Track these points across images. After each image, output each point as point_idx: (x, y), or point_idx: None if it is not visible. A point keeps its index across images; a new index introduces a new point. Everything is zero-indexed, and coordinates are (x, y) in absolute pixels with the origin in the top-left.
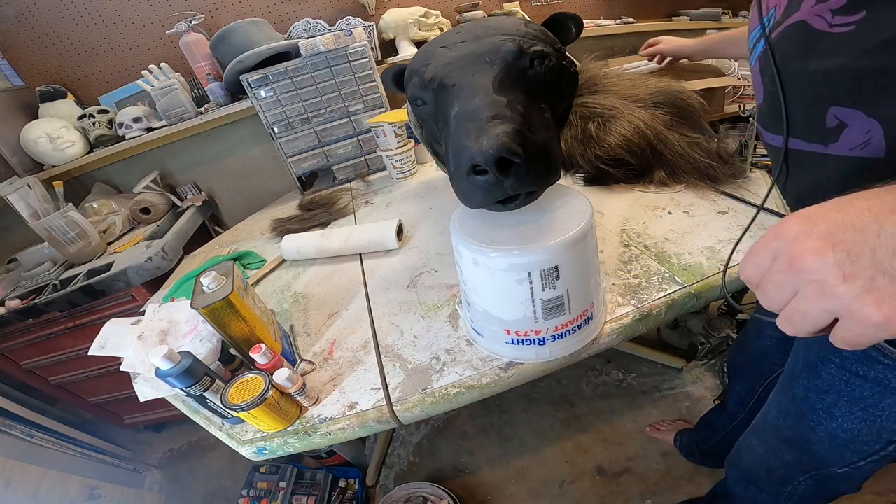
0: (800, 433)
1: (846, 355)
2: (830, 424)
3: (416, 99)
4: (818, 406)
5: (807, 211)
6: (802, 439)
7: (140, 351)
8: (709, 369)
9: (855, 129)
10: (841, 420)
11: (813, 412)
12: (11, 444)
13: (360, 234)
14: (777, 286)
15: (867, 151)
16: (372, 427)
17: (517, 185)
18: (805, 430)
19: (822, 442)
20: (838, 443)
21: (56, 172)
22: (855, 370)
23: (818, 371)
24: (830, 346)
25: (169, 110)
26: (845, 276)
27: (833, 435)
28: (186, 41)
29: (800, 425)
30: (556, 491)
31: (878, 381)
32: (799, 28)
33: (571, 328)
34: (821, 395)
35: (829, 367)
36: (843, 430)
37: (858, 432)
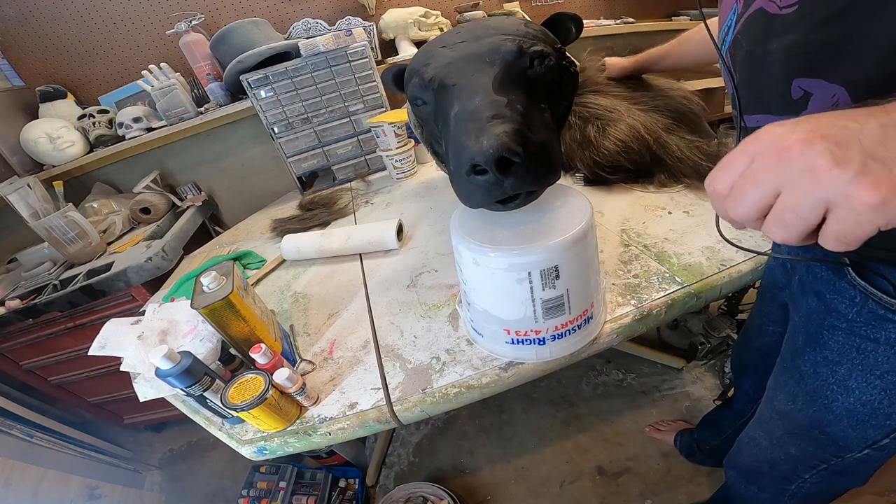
0: (813, 415)
1: (852, 318)
2: (848, 399)
3: (416, 99)
4: (830, 380)
5: (783, 121)
6: (817, 421)
7: (140, 351)
8: (709, 369)
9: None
10: (858, 392)
11: (825, 388)
12: (11, 444)
13: (360, 234)
14: (756, 184)
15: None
16: (372, 427)
17: (517, 184)
18: (819, 411)
19: (839, 421)
20: (858, 419)
21: (56, 172)
22: (865, 333)
23: (824, 341)
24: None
25: (169, 110)
26: (837, 161)
27: (852, 411)
28: (186, 41)
29: (812, 405)
30: (556, 491)
31: (892, 343)
32: (758, 15)
33: (571, 328)
34: (832, 367)
35: (837, 334)
36: (861, 403)
37: (879, 403)
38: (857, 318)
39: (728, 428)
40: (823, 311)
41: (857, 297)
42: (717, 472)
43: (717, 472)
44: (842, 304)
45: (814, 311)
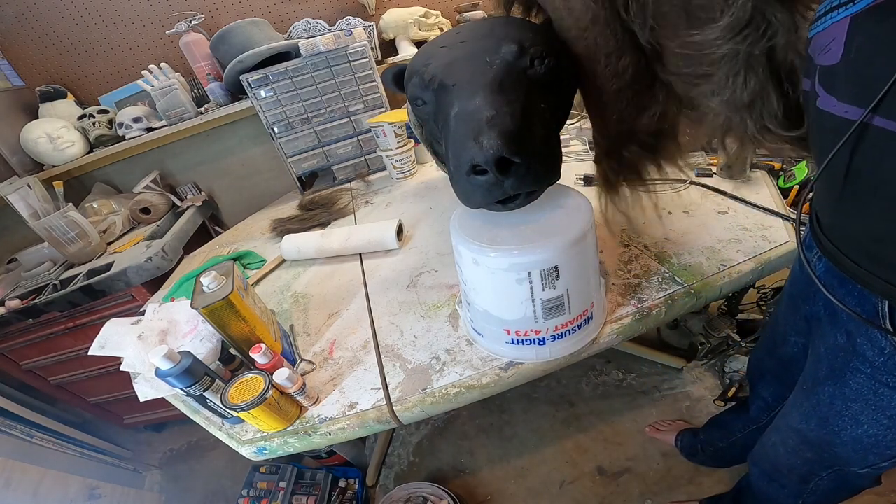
0: (822, 436)
1: (877, 367)
2: (856, 430)
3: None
4: (844, 413)
5: None
6: (825, 442)
7: (140, 351)
8: (709, 369)
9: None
10: (867, 427)
11: (838, 418)
12: (11, 444)
13: (360, 234)
14: None
15: None
16: (372, 427)
17: (517, 184)
18: (828, 434)
19: (844, 445)
20: (861, 447)
21: (56, 172)
22: (885, 381)
23: (846, 380)
24: (859, 358)
25: (169, 110)
26: None
27: (857, 440)
28: (186, 41)
29: (823, 429)
30: (556, 491)
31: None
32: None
33: (571, 328)
34: (847, 402)
35: (859, 376)
36: (867, 435)
37: (883, 438)
38: (882, 367)
39: (738, 432)
40: (851, 352)
41: (888, 349)
42: (718, 473)
43: (718, 473)
44: (870, 351)
45: (841, 349)
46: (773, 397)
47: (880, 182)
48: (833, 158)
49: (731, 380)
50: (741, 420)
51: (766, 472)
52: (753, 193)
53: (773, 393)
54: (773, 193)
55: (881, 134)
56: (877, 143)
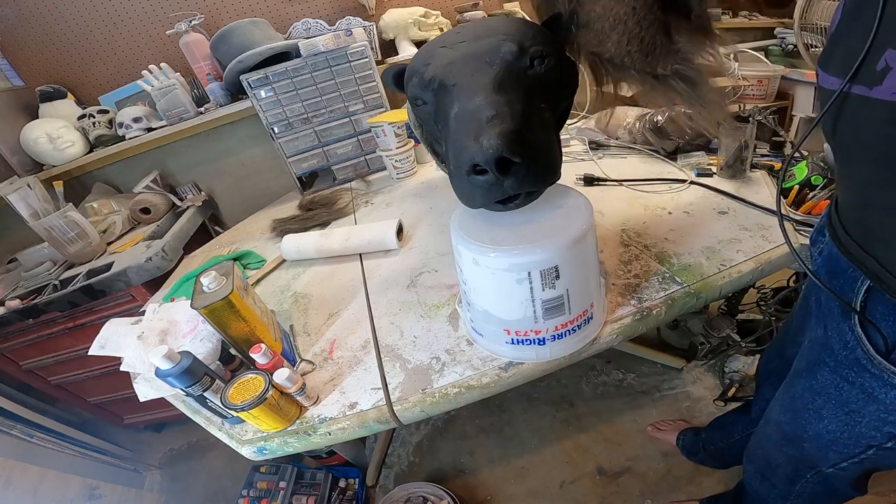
0: (794, 430)
1: (840, 360)
2: (818, 425)
3: (416, 99)
4: (810, 406)
5: None
6: (796, 436)
7: (140, 351)
8: (709, 369)
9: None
10: (827, 422)
11: (805, 411)
12: (11, 444)
13: (360, 234)
14: None
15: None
16: (372, 427)
17: (517, 184)
18: (798, 428)
19: (811, 440)
20: (823, 443)
21: (56, 172)
22: (845, 375)
23: (814, 373)
24: (827, 350)
25: (169, 110)
26: None
27: (819, 435)
28: (186, 41)
29: (794, 422)
30: (556, 491)
31: (864, 389)
32: None
33: (571, 328)
34: (813, 396)
35: (824, 370)
36: (827, 430)
37: (841, 434)
38: (844, 361)
39: (738, 433)
40: (822, 345)
41: (851, 342)
42: (718, 473)
43: (718, 473)
44: (837, 344)
45: (817, 342)
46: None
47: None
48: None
49: (731, 380)
50: (742, 421)
51: (758, 469)
52: (753, 193)
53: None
54: (774, 193)
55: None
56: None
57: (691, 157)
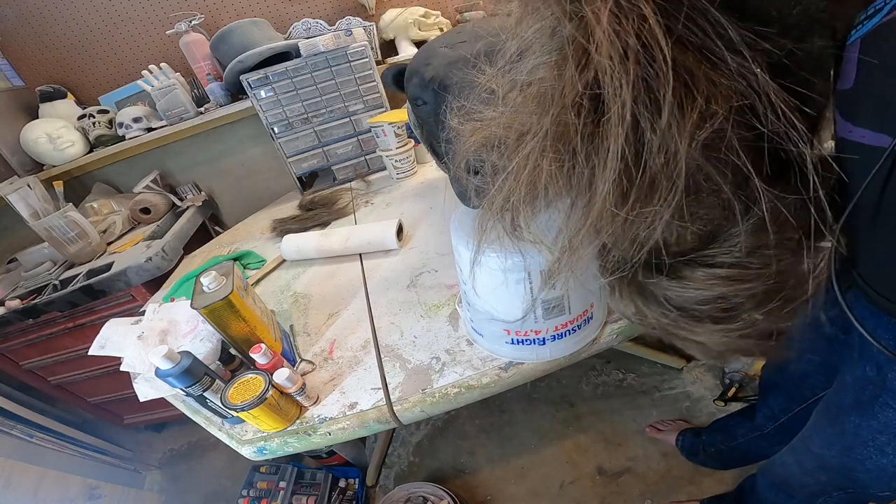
0: (845, 463)
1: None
2: (881, 460)
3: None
4: (870, 444)
5: None
6: (846, 468)
7: (140, 351)
8: (709, 369)
9: None
10: (892, 457)
11: (863, 447)
12: (11, 444)
13: (360, 234)
14: None
15: None
16: (372, 427)
17: None
18: (851, 462)
19: (868, 472)
20: (886, 475)
21: (56, 172)
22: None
23: (874, 413)
24: (891, 392)
25: (169, 110)
26: None
27: (882, 468)
28: (186, 41)
29: (846, 457)
30: (556, 491)
31: None
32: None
33: (571, 328)
34: (874, 434)
35: (888, 411)
36: (892, 465)
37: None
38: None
39: (741, 437)
40: (881, 387)
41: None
42: (718, 473)
43: (718, 473)
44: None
45: (870, 382)
46: (779, 408)
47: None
48: (878, 192)
49: (731, 380)
50: (745, 426)
51: (774, 483)
52: None
53: (781, 404)
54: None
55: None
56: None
57: None
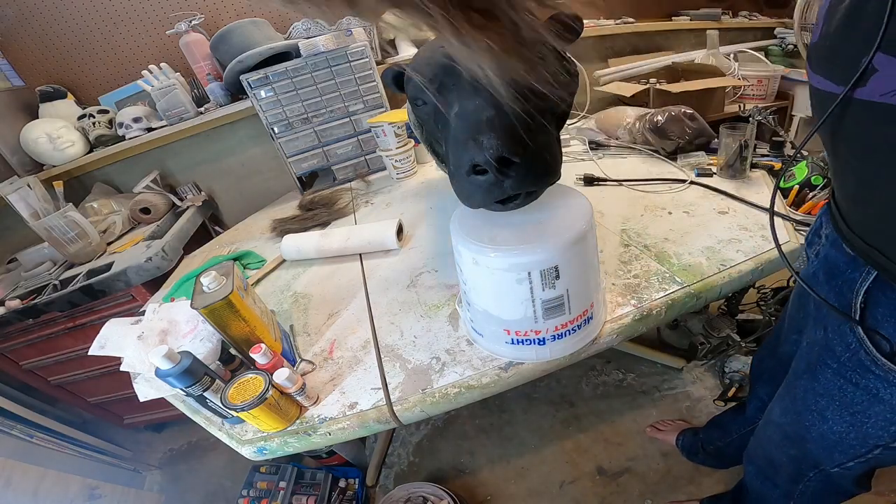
0: (797, 431)
1: (843, 362)
2: (822, 426)
3: (416, 99)
4: (813, 408)
5: None
6: (799, 437)
7: (140, 351)
8: (709, 369)
9: (886, 74)
10: (832, 423)
11: (808, 413)
12: (11, 444)
13: (360, 234)
14: None
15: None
16: (372, 427)
17: (517, 184)
18: (801, 430)
19: (814, 441)
20: (828, 444)
21: (56, 172)
22: (849, 377)
23: (816, 375)
24: (829, 352)
25: (169, 110)
26: None
27: (823, 436)
28: (186, 41)
29: (797, 424)
30: (556, 491)
31: (869, 390)
32: None
33: (571, 328)
34: (816, 397)
35: (826, 372)
36: (832, 432)
37: (846, 435)
38: (847, 363)
39: (735, 432)
40: (824, 347)
41: (853, 344)
42: (718, 473)
43: (718, 473)
44: (839, 346)
45: (817, 343)
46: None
47: (852, 146)
48: (827, 134)
49: (731, 380)
50: (738, 420)
51: (760, 469)
52: (753, 193)
53: (769, 392)
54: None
55: (857, 104)
56: (842, 112)
57: (691, 157)
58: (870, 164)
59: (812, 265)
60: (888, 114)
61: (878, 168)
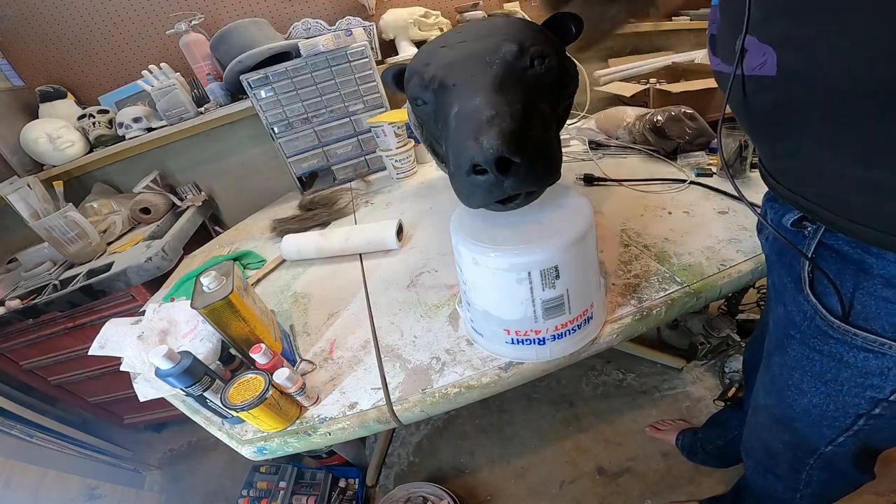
0: (783, 410)
1: (804, 331)
2: (802, 400)
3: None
4: (789, 382)
5: None
6: (786, 417)
7: (140, 351)
8: (709, 369)
9: (753, 52)
10: (810, 396)
11: (787, 388)
12: (11, 444)
13: (360, 234)
14: None
15: (763, 71)
16: (372, 427)
17: (517, 184)
18: (785, 408)
19: (800, 418)
20: (812, 419)
21: (56, 172)
22: (812, 345)
23: (785, 348)
24: (791, 324)
25: (169, 110)
26: None
27: (806, 410)
28: (186, 41)
29: (781, 402)
30: (556, 491)
31: (833, 356)
32: None
33: (571, 328)
34: (791, 371)
35: (793, 343)
36: (812, 405)
37: (826, 408)
38: (808, 331)
39: (735, 429)
40: (786, 320)
41: (809, 312)
42: (718, 473)
43: (718, 473)
44: (797, 316)
45: (780, 318)
46: None
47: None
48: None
49: (731, 380)
50: (737, 417)
51: (759, 462)
52: (753, 193)
53: None
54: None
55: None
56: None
57: (691, 157)
58: (756, 128)
59: (764, 249)
60: (759, 83)
61: (762, 132)
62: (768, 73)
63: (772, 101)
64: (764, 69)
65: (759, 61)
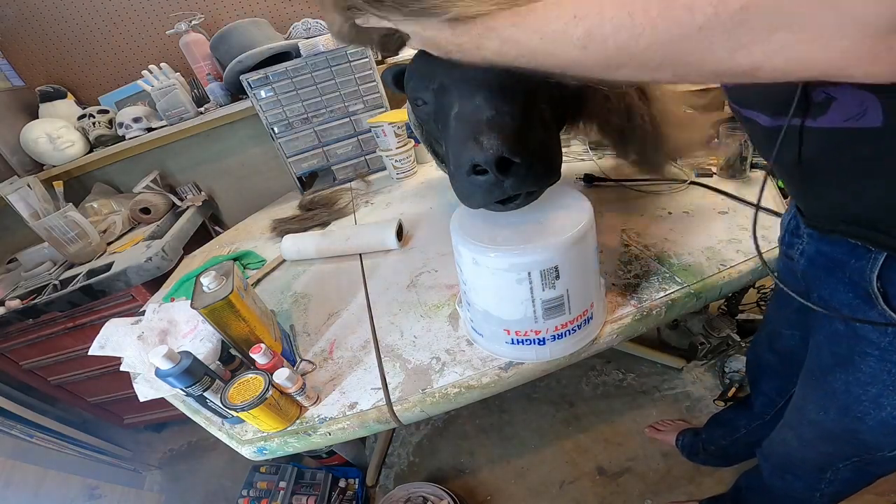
0: (845, 425)
1: (885, 346)
2: (880, 414)
3: (417, 99)
4: (863, 398)
5: None
6: (850, 430)
7: (140, 351)
8: (709, 369)
9: (845, 102)
10: (890, 408)
11: (858, 404)
12: (11, 444)
13: (360, 234)
14: None
15: (864, 122)
16: (372, 427)
17: (517, 185)
18: (851, 422)
19: (872, 430)
20: (889, 429)
21: (56, 172)
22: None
23: (856, 365)
24: (865, 341)
25: (169, 110)
26: None
27: (884, 422)
28: (186, 41)
29: (845, 417)
30: (556, 491)
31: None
32: None
33: (571, 328)
34: (864, 387)
35: (869, 360)
36: (893, 417)
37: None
38: (889, 347)
39: (743, 428)
40: (854, 338)
41: (890, 329)
42: (718, 473)
43: (718, 473)
44: (873, 334)
45: (842, 336)
46: (775, 391)
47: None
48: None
49: (731, 380)
50: (745, 417)
51: (778, 465)
52: (753, 193)
53: (775, 387)
54: (774, 194)
55: (798, 131)
56: (801, 139)
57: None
58: (844, 177)
59: (800, 265)
60: (850, 135)
61: (855, 181)
62: (871, 124)
63: (872, 153)
64: (863, 121)
65: (856, 112)
